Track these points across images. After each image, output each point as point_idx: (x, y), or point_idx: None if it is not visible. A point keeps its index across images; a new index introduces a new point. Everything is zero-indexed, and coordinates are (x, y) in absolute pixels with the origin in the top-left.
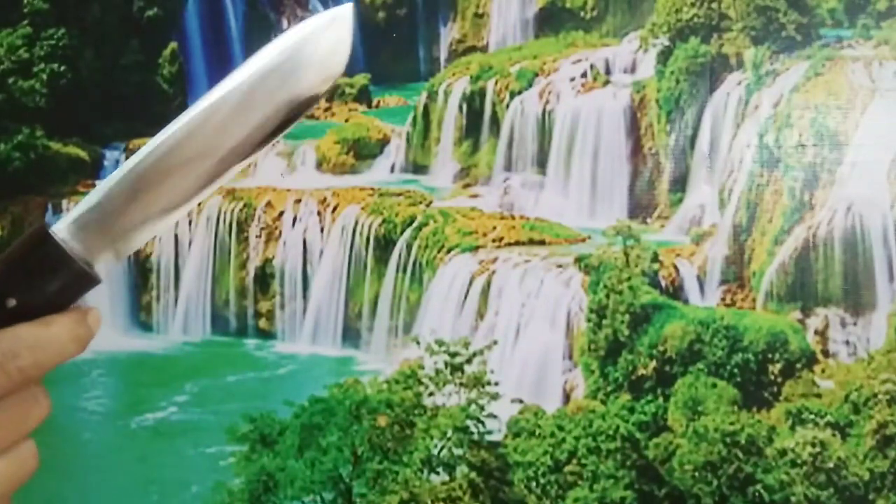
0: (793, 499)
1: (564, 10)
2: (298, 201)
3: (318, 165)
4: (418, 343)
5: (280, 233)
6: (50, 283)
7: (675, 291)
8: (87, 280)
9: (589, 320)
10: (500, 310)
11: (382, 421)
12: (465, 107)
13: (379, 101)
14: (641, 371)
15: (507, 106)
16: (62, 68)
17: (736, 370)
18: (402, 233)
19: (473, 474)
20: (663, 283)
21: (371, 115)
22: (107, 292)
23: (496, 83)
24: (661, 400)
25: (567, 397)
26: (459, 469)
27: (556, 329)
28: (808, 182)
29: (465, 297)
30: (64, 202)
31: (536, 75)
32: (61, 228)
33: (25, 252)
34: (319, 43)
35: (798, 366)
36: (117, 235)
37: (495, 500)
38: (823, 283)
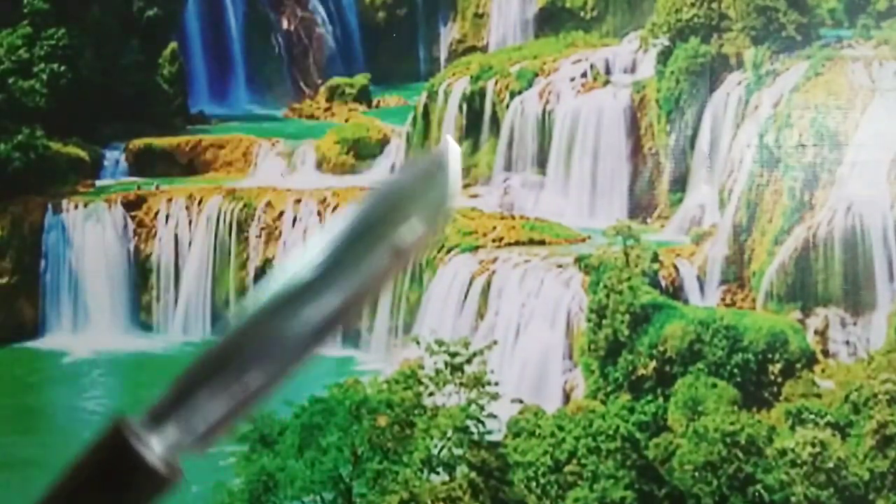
0: (793, 499)
1: (564, 10)
2: (298, 201)
3: (318, 165)
4: (418, 343)
5: (280, 233)
6: (126, 495)
7: (675, 291)
8: (170, 485)
9: (589, 320)
10: (500, 310)
11: (382, 421)
12: (465, 107)
13: (379, 101)
14: (641, 371)
15: (507, 106)
16: (62, 68)
17: (736, 370)
18: None
19: (473, 474)
20: (663, 283)
21: (371, 115)
22: (107, 292)
23: (496, 83)
24: (661, 400)
25: (567, 397)
26: (459, 469)
27: (556, 329)
28: (808, 182)
29: (465, 297)
30: (64, 202)
31: (536, 75)
32: (140, 422)
33: (101, 463)
34: (430, 191)
35: (798, 366)
36: (202, 429)
37: (495, 500)
38: (823, 283)
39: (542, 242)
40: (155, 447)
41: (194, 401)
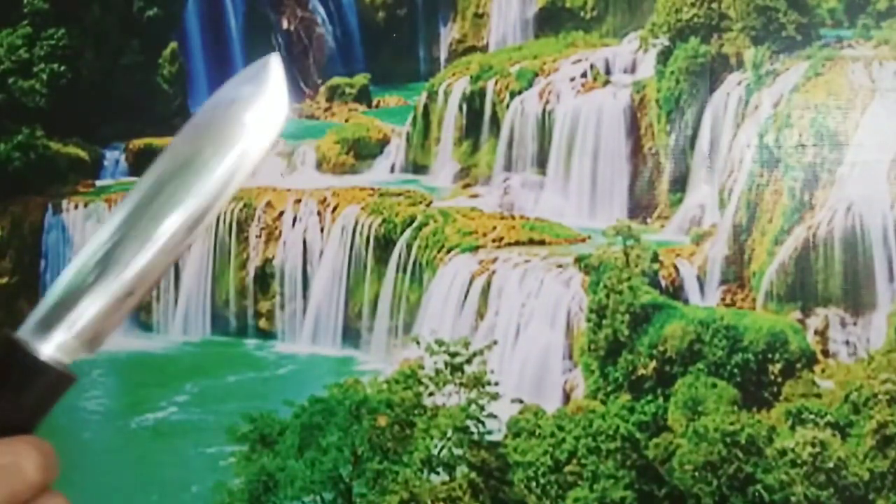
0: (793, 499)
1: (564, 10)
2: (298, 201)
3: (318, 165)
4: (418, 343)
5: (280, 233)
6: (25, 392)
7: (675, 291)
8: (65, 382)
9: (589, 320)
10: (500, 310)
11: (382, 421)
12: (465, 107)
13: (379, 101)
14: (641, 371)
15: (507, 106)
16: (62, 68)
17: (736, 370)
18: (402, 233)
19: (473, 474)
20: (663, 283)
21: (371, 115)
22: None
23: (496, 83)
24: (661, 400)
25: (567, 397)
26: (459, 469)
27: (556, 329)
28: (808, 182)
29: (465, 297)
30: (64, 202)
31: (536, 75)
32: (26, 332)
33: None
34: (254, 102)
35: (798, 366)
36: (88, 329)
37: (495, 500)
38: (823, 283)
39: (542, 242)
40: (43, 350)
41: (77, 305)
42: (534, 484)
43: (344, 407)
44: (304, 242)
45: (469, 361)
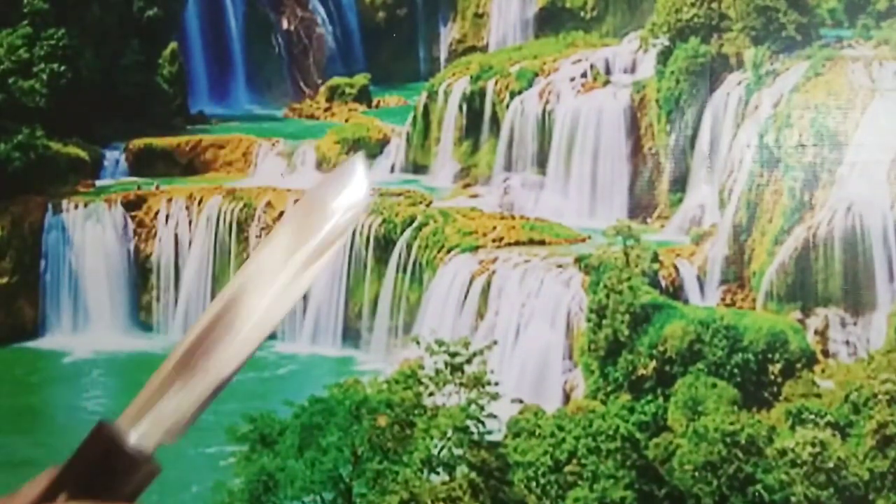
0: (793, 499)
1: (564, 10)
2: (298, 201)
3: (318, 165)
4: (418, 343)
5: None
6: (117, 484)
7: (675, 291)
8: (150, 476)
9: (589, 320)
10: (500, 310)
11: (382, 421)
12: (465, 107)
13: (379, 101)
14: (641, 371)
15: (507, 106)
16: (62, 68)
17: (736, 370)
18: (402, 233)
19: (473, 474)
20: (663, 283)
21: (371, 115)
22: (107, 292)
23: (496, 83)
24: (661, 400)
25: (567, 397)
26: (459, 469)
27: (556, 329)
28: (808, 182)
29: (465, 297)
30: (64, 202)
31: (536, 75)
32: (121, 424)
33: (92, 455)
34: (337, 205)
35: (798, 366)
36: (173, 421)
37: (495, 500)
38: (823, 283)
39: (542, 242)
40: (131, 440)
41: (163, 399)
42: (534, 484)
43: (344, 407)
44: None
45: (469, 361)
